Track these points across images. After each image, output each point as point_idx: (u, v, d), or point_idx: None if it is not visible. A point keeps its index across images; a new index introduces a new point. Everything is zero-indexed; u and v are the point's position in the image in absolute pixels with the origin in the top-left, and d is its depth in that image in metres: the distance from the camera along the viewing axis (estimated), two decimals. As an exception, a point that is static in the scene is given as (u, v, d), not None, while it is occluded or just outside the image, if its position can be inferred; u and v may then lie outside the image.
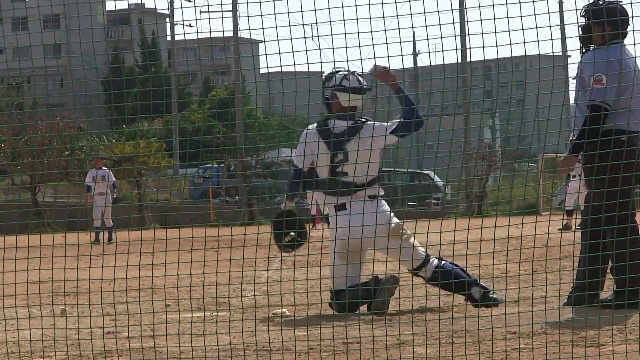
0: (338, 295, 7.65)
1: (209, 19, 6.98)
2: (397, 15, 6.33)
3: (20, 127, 26.71)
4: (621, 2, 7.38)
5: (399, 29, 6.39)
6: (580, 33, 7.44)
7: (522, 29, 6.53)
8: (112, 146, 34.01)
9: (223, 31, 7.49)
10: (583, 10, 7.43)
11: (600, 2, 7.38)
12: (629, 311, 6.62)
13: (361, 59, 6.52)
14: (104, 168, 23.36)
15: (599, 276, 7.12)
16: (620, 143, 7.14)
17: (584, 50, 7.46)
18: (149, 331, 6.86)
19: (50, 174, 31.41)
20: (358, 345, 5.86)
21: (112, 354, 6.02)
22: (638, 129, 7.28)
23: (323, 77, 8.13)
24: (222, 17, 7.24)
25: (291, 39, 6.34)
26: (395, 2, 6.30)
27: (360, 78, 8.01)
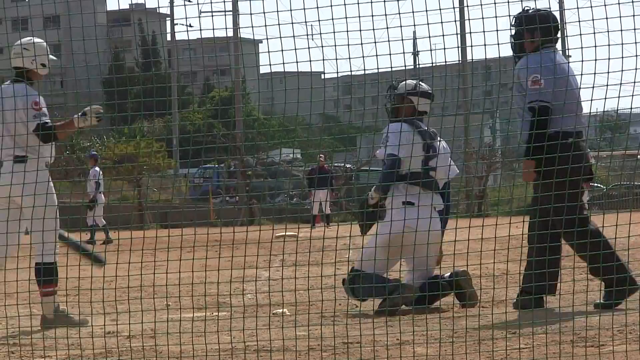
0: (354, 279, 7.71)
1: (212, 16, 6.97)
2: (399, 13, 6.33)
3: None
4: (550, 9, 7.52)
5: (400, 27, 6.39)
6: (512, 41, 7.57)
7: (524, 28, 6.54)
8: (112, 146, 34.00)
9: (225, 29, 7.47)
10: (514, 18, 7.54)
11: (530, 10, 7.50)
12: (624, 305, 6.61)
13: (363, 57, 6.51)
14: (95, 167, 23.12)
15: (545, 279, 7.11)
16: (566, 146, 7.19)
17: (517, 59, 7.57)
18: (150, 331, 6.86)
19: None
20: (358, 345, 5.86)
21: (113, 353, 6.02)
22: (580, 131, 7.36)
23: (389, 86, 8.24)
24: (225, 15, 7.24)
25: (294, 37, 6.34)
26: (398, 1, 6.30)
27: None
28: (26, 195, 7.29)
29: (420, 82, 8.16)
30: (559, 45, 8.01)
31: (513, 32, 7.56)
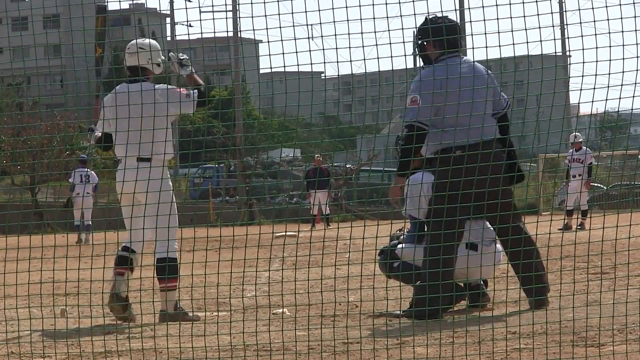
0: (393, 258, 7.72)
1: (213, 18, 6.98)
2: (400, 15, 6.34)
3: (20, 127, 26.73)
4: (448, 17, 7.56)
5: (402, 29, 6.40)
6: (417, 52, 7.69)
7: (525, 29, 6.54)
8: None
9: (227, 31, 7.49)
10: (417, 30, 7.61)
11: (431, 18, 7.55)
12: (625, 306, 6.62)
13: (364, 59, 6.51)
14: (86, 169, 23.28)
15: (439, 291, 7.11)
16: (457, 159, 7.24)
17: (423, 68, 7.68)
18: (150, 331, 6.86)
19: (50, 174, 31.44)
20: (358, 345, 5.86)
21: (113, 354, 6.02)
22: (470, 142, 7.33)
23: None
24: (227, 17, 7.24)
25: (295, 39, 6.34)
26: (400, 2, 6.30)
27: None
28: (149, 191, 7.44)
29: None
30: (558, 48, 8.00)
31: (418, 43, 7.65)
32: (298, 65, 6.24)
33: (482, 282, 7.79)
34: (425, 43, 7.59)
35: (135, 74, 7.88)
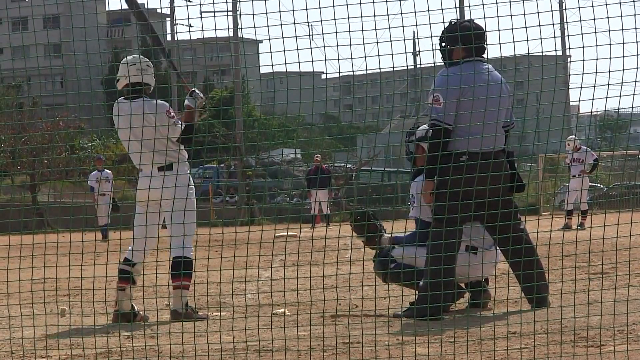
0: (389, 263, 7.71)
1: (214, 16, 6.99)
2: (401, 13, 6.34)
3: (20, 127, 26.77)
4: (473, 20, 7.51)
5: (402, 27, 6.40)
6: (442, 56, 7.56)
7: (526, 27, 6.55)
8: (112, 146, 34.02)
9: (228, 29, 7.52)
10: (441, 34, 7.53)
11: (454, 22, 7.49)
12: (625, 305, 6.62)
13: (365, 57, 6.51)
14: (106, 170, 24.13)
15: (441, 289, 7.11)
16: (460, 165, 7.22)
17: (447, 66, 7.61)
18: (151, 331, 6.87)
19: (50, 173, 31.46)
20: (359, 345, 5.87)
21: (114, 353, 6.02)
22: (478, 149, 7.29)
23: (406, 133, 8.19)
24: (227, 15, 7.27)
25: (297, 37, 6.35)
26: (400, 0, 6.30)
27: None
28: (175, 198, 7.40)
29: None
30: (558, 46, 7.98)
31: (443, 42, 7.58)
32: (299, 62, 6.24)
33: (482, 280, 7.80)
34: (450, 46, 7.53)
35: (139, 90, 7.87)
